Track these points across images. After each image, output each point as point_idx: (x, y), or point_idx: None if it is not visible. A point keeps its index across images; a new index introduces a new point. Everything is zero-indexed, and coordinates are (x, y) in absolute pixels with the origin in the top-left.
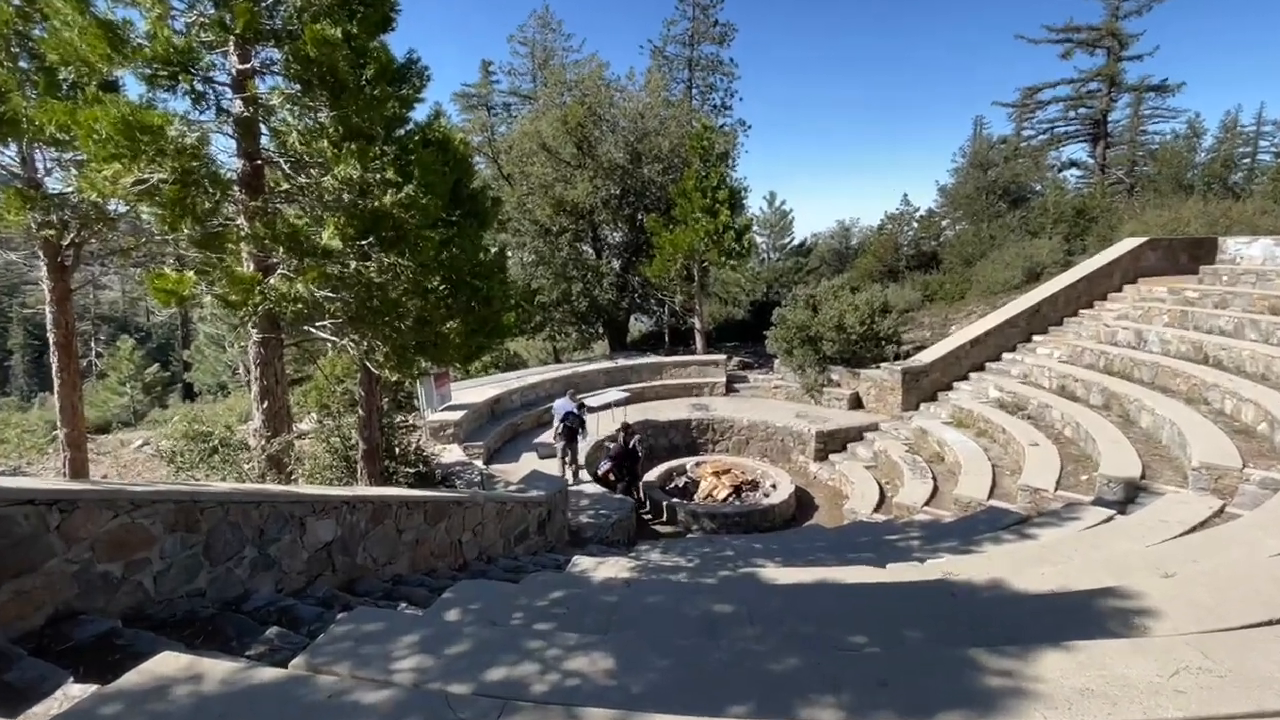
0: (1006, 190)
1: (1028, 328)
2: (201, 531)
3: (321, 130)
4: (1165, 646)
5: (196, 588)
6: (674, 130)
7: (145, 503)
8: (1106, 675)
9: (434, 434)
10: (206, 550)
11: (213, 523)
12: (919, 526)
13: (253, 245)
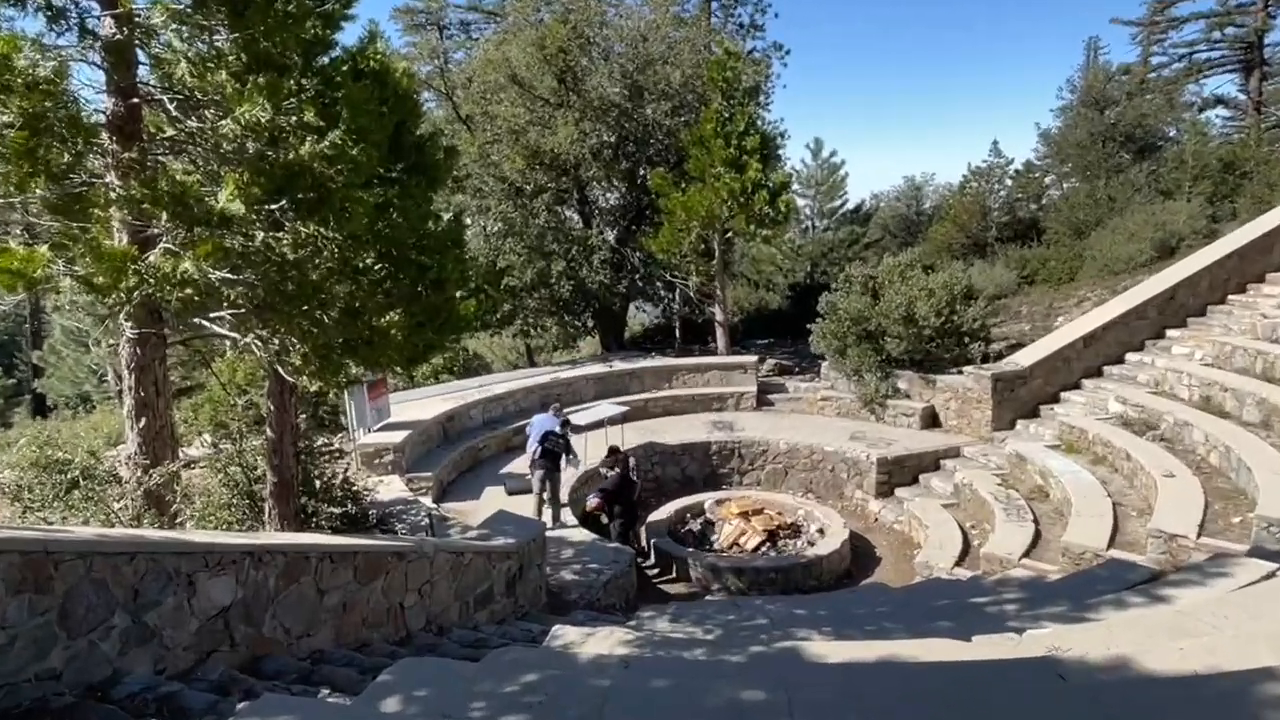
0: (1130, 136)
1: (1159, 320)
2: (56, 593)
3: (219, 58)
4: None
5: (49, 667)
6: (687, 57)
7: None
8: None
9: (367, 462)
10: (62, 617)
11: (71, 581)
12: (1016, 585)
13: (127, 210)
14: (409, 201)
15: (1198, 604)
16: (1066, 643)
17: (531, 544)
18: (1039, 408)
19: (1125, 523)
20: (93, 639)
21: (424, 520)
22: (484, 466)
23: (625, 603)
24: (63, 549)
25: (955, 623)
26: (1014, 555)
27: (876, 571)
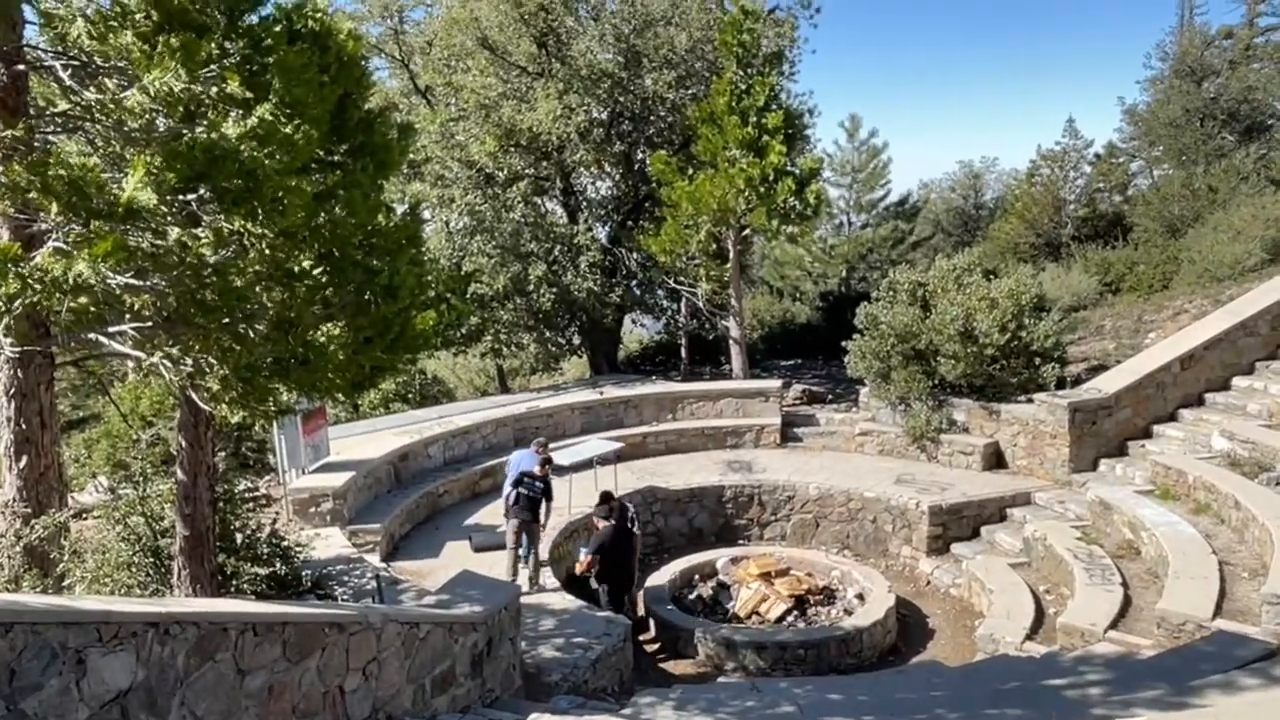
0: (1234, 114)
1: (1273, 336)
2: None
3: (123, 16)
4: None
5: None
6: (695, 17)
7: None
8: None
9: (301, 511)
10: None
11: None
12: (1101, 664)
13: (8, 200)
14: (355, 191)
15: None
16: None
17: (503, 612)
18: (1127, 444)
19: (1234, 586)
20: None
21: (370, 583)
22: (444, 516)
23: (619, 685)
24: None
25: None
26: (1098, 626)
27: (929, 647)
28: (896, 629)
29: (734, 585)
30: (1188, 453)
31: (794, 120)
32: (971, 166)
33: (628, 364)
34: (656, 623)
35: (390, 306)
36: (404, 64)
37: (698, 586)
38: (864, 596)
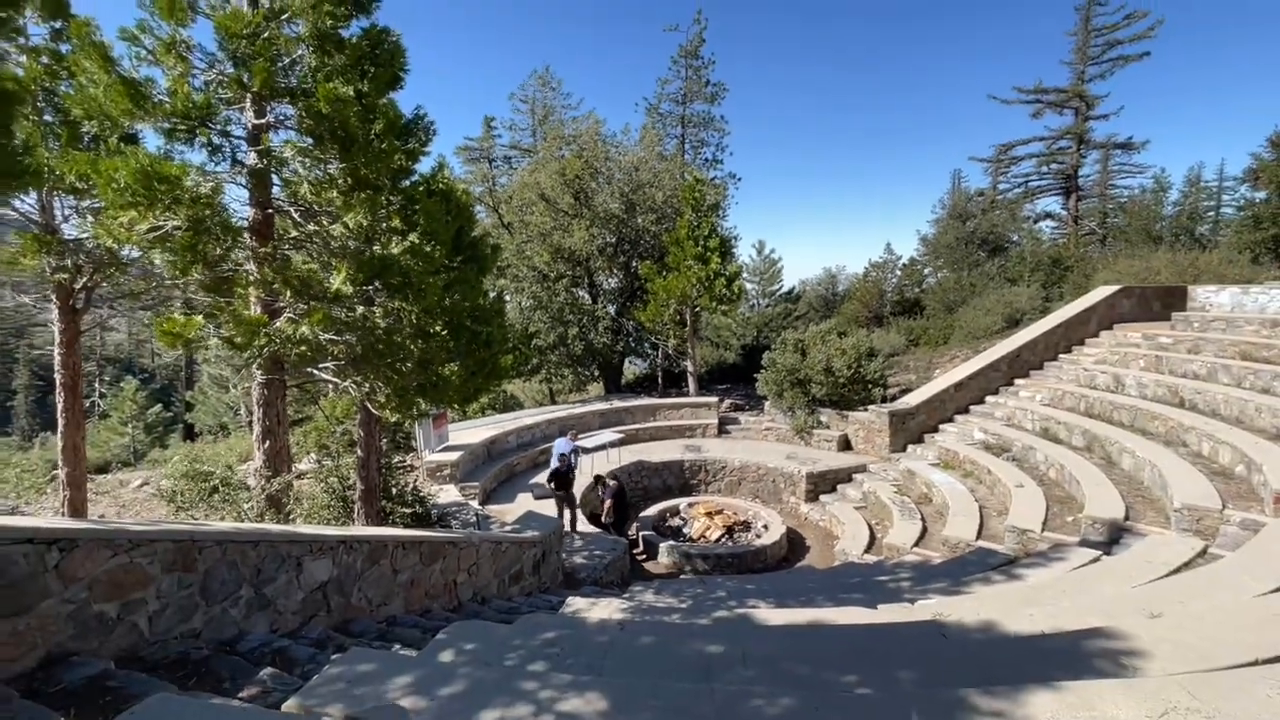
0: (985, 240)
1: (1009, 372)
2: (199, 571)
3: (331, 181)
4: (1154, 687)
5: (191, 628)
6: (667, 182)
7: (144, 541)
8: (1096, 715)
9: (431, 474)
10: (203, 590)
11: (210, 562)
12: (909, 567)
13: (261, 290)
14: (466, 284)
15: (1043, 581)
16: (947, 610)
17: (552, 536)
18: (924, 436)
19: (989, 521)
20: (225, 606)
21: (472, 518)
22: (517, 478)
23: (621, 580)
24: (204, 538)
25: (865, 595)
26: (907, 545)
27: (806, 557)
28: (787, 546)
29: (690, 519)
30: (959, 441)
31: (726, 243)
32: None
33: (626, 387)
34: (643, 542)
35: (487, 353)
36: (494, 209)
37: (668, 520)
38: (768, 527)
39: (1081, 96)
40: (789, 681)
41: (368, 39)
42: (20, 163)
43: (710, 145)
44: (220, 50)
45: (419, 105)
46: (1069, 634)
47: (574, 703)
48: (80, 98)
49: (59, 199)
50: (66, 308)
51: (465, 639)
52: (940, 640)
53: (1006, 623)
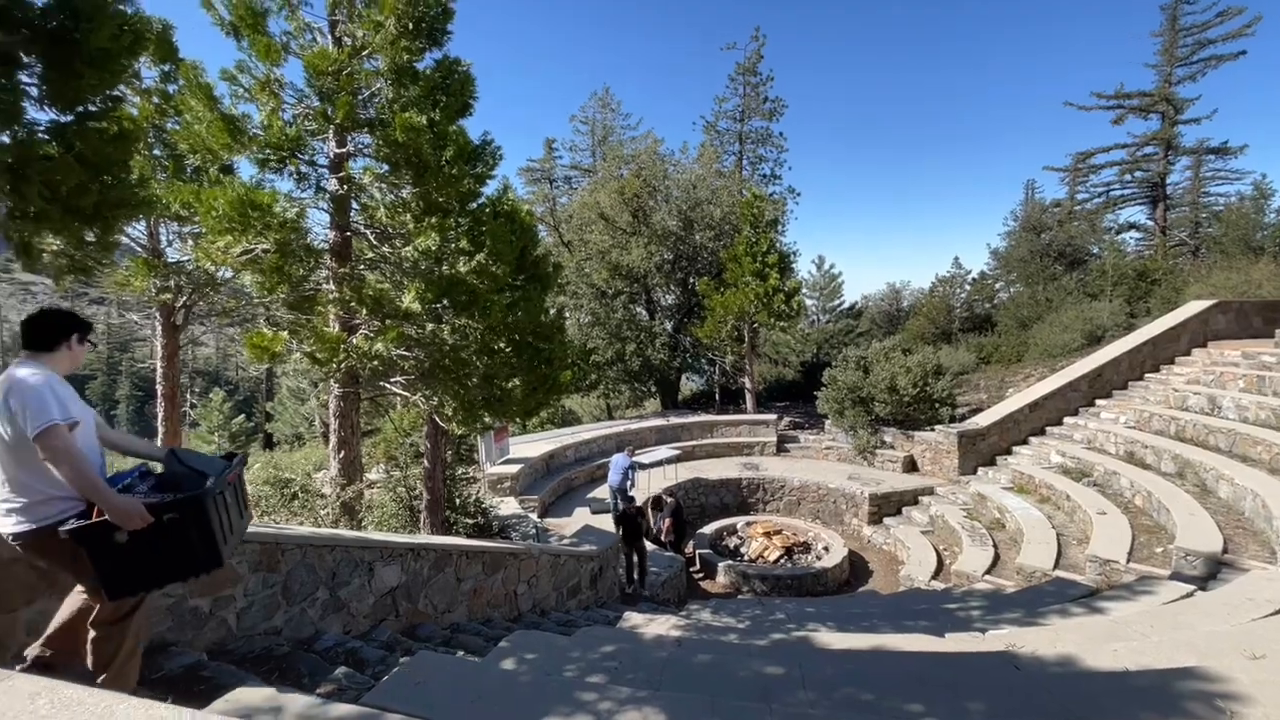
0: (1062, 253)
1: (1090, 391)
2: (281, 572)
3: (405, 205)
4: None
5: (273, 626)
6: (725, 199)
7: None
8: None
9: (492, 486)
10: (285, 590)
11: (291, 564)
12: (980, 596)
13: (339, 308)
14: (529, 302)
15: (1128, 615)
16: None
17: (609, 550)
18: (995, 458)
19: (1067, 549)
20: (303, 606)
21: (531, 530)
22: (575, 493)
23: (677, 598)
24: (287, 541)
25: (931, 623)
26: (978, 572)
27: (869, 582)
28: (849, 570)
29: (747, 539)
30: (1035, 464)
31: (784, 259)
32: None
33: (683, 403)
34: (700, 561)
35: (548, 369)
36: (555, 228)
37: (725, 539)
38: (829, 549)
39: (1169, 100)
40: (851, 707)
41: (440, 70)
42: (136, 194)
43: (768, 161)
44: (308, 86)
45: (486, 130)
46: (1158, 672)
47: (631, 716)
48: (186, 133)
49: (164, 226)
50: (168, 324)
51: (527, 648)
52: (1013, 672)
53: (1087, 658)
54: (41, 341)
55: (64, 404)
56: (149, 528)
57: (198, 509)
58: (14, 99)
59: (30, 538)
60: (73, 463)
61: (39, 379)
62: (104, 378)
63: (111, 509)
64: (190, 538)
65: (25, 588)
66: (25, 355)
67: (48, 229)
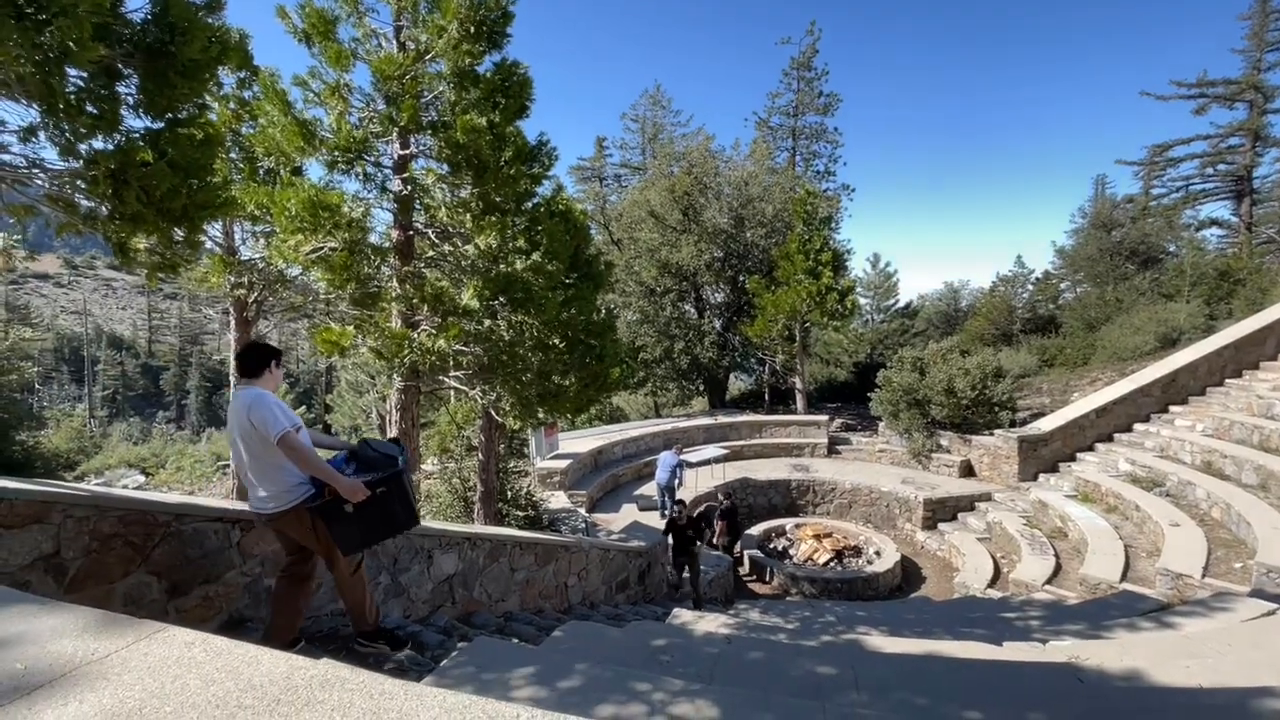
0: (1134, 251)
1: (1163, 397)
2: None
3: (465, 205)
4: None
5: (339, 608)
6: (777, 196)
7: None
8: None
9: (542, 480)
10: None
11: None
12: (1039, 606)
13: (403, 304)
14: (581, 300)
15: (1203, 632)
16: (1084, 653)
17: (657, 547)
18: (1058, 465)
19: (1136, 562)
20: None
21: (581, 525)
22: (622, 489)
23: (725, 597)
24: None
25: (988, 631)
26: (1038, 582)
27: (922, 588)
28: (901, 575)
29: (796, 541)
30: (1101, 472)
31: (838, 257)
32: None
33: (731, 403)
34: (749, 561)
35: (599, 366)
36: (605, 226)
37: (774, 540)
38: (880, 553)
39: (1258, 88)
40: (905, 710)
41: (500, 73)
42: (219, 196)
43: (822, 157)
44: (374, 90)
45: (542, 131)
46: (1235, 690)
47: (684, 708)
48: (262, 137)
49: (239, 225)
50: (241, 319)
51: (579, 638)
52: (1075, 684)
53: (1157, 673)
54: (253, 369)
55: (288, 414)
56: (367, 499)
57: (399, 482)
58: (114, 108)
59: (281, 515)
60: (306, 457)
61: (265, 398)
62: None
63: (341, 487)
64: (394, 505)
65: (123, 561)
66: (243, 382)
67: (142, 230)
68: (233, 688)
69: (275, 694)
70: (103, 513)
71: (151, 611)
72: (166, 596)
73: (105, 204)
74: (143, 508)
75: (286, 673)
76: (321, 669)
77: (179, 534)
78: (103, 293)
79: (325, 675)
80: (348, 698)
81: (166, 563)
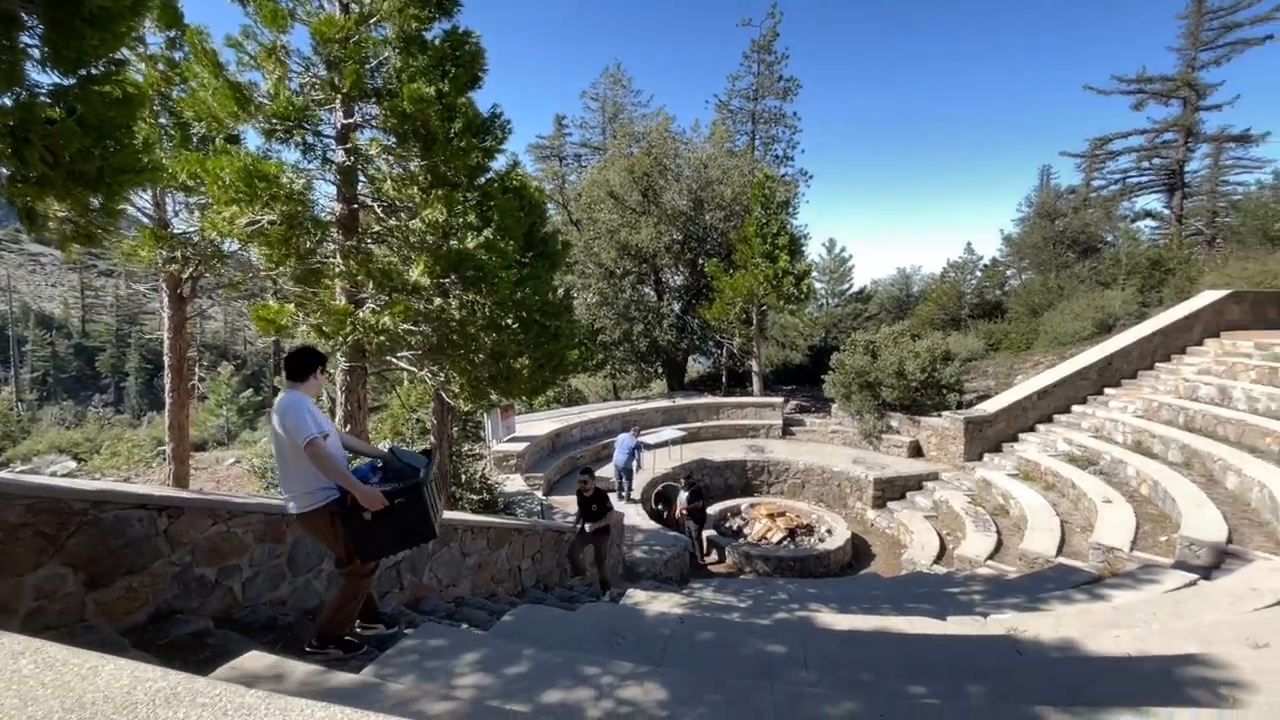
0: (1076, 240)
1: (1099, 380)
2: (286, 543)
3: (412, 178)
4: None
5: (279, 596)
6: (736, 179)
7: (241, 512)
8: None
9: (498, 464)
10: (290, 561)
11: (296, 536)
12: (982, 580)
13: (346, 281)
14: (537, 279)
15: (1131, 603)
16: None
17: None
18: (1002, 445)
19: (1071, 537)
20: (309, 577)
21: (537, 508)
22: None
23: (680, 576)
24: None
25: (933, 606)
26: (981, 557)
27: (872, 565)
28: (851, 553)
29: (751, 520)
30: (1041, 451)
31: (795, 241)
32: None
33: (689, 385)
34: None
35: (555, 347)
36: (564, 206)
37: (730, 520)
38: (832, 531)
39: (1191, 85)
40: (852, 686)
41: (449, 41)
42: (140, 160)
43: (781, 142)
44: (315, 54)
45: (495, 104)
46: (1159, 658)
47: (633, 691)
48: (192, 101)
49: (170, 196)
50: (175, 296)
51: (530, 622)
52: (1014, 655)
53: (1089, 643)
54: (299, 374)
55: (318, 422)
56: (385, 509)
57: (417, 495)
58: (14, 59)
59: (306, 515)
60: (330, 464)
61: (300, 404)
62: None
63: (361, 496)
64: (412, 517)
65: (33, 552)
66: (288, 385)
67: (51, 195)
68: (56, 707)
69: (108, 713)
70: (7, 501)
71: (67, 605)
72: (84, 589)
73: (5, 165)
74: (55, 495)
75: (128, 687)
76: (171, 681)
77: (98, 522)
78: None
79: (174, 689)
80: (196, 714)
81: (84, 553)
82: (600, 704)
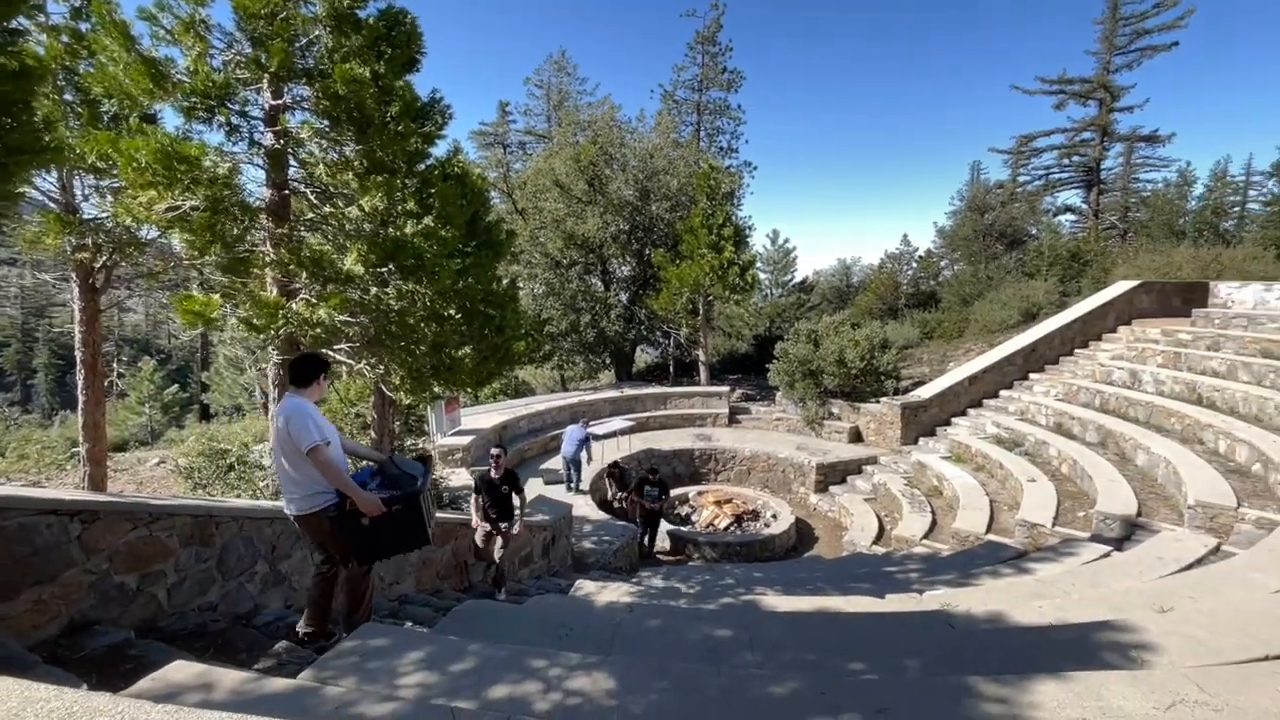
0: (1003, 233)
1: (1025, 366)
2: (216, 546)
3: (347, 163)
4: (1162, 679)
5: (209, 601)
6: (682, 170)
7: (163, 515)
8: (1103, 705)
9: (443, 458)
10: (220, 564)
11: (227, 537)
12: (918, 559)
13: (277, 270)
14: (480, 269)
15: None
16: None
17: (561, 520)
18: (936, 429)
19: (999, 515)
20: (241, 581)
21: None
22: (528, 464)
23: (629, 565)
24: (221, 514)
25: (873, 585)
26: (916, 537)
27: (815, 547)
28: (795, 536)
29: (699, 508)
30: (972, 435)
31: (739, 232)
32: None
33: (638, 376)
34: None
35: (499, 338)
36: (509, 194)
37: (677, 507)
38: (776, 517)
39: (1106, 87)
40: (796, 667)
41: (385, 20)
42: (40, 139)
43: (726, 133)
44: (239, 30)
45: (435, 88)
46: (1077, 626)
47: (581, 681)
48: (101, 76)
49: (79, 178)
50: (87, 286)
51: (476, 618)
52: (948, 630)
53: (1015, 614)
54: (303, 379)
55: (321, 428)
56: (382, 515)
57: (413, 503)
58: None
59: (305, 517)
60: (332, 470)
61: (303, 410)
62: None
63: (359, 501)
64: (408, 524)
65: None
66: (291, 390)
67: None
68: None
69: None
70: None
71: None
72: None
73: None
74: None
75: (18, 709)
76: (68, 700)
77: (1, 530)
78: None
79: (70, 708)
80: None
81: None
82: (549, 696)
